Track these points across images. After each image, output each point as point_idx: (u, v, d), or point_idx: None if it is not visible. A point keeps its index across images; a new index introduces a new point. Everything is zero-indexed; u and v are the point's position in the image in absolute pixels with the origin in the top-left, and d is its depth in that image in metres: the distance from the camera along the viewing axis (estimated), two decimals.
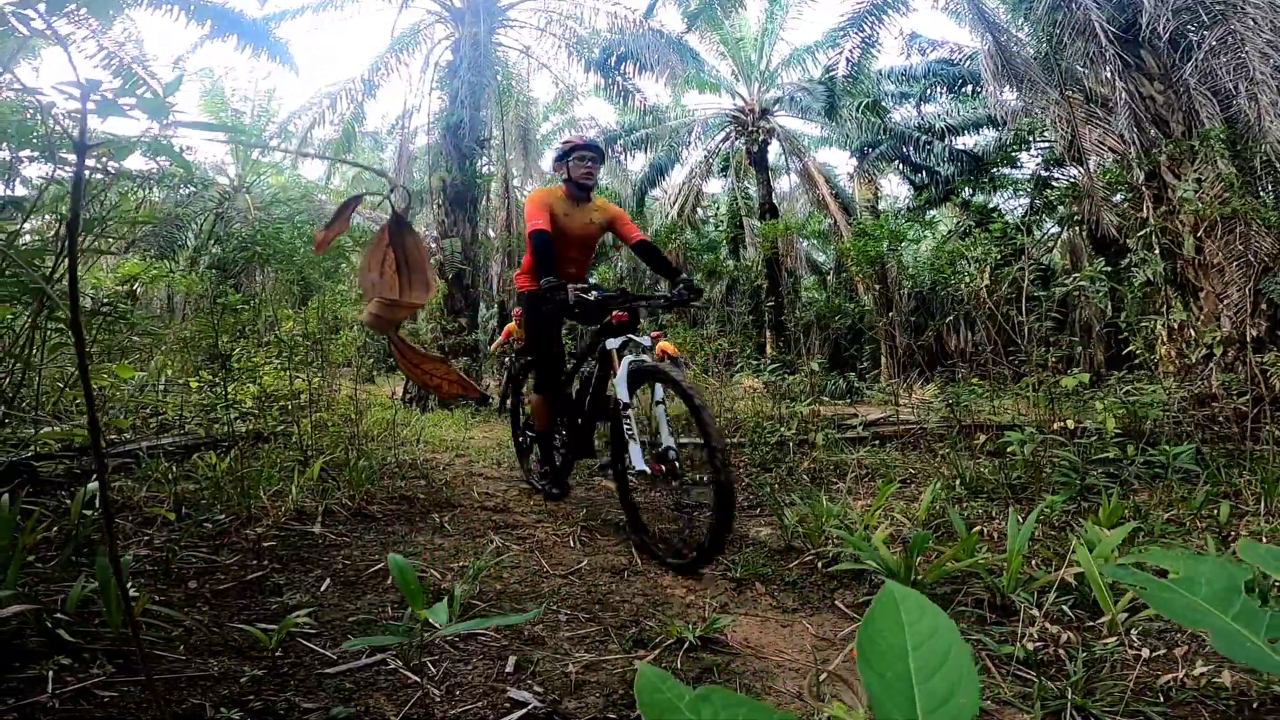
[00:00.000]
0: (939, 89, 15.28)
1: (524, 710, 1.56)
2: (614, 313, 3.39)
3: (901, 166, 18.02)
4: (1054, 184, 18.44)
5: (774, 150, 19.30)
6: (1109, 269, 6.81)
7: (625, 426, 3.17)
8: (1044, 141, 17.61)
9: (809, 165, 18.87)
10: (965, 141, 17.02)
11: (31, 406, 3.54)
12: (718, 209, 19.46)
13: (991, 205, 19.48)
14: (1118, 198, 11.64)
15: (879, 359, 20.70)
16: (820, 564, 2.90)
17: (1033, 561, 2.97)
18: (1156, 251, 7.64)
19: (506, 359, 10.50)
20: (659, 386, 3.26)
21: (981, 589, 2.58)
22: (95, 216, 2.88)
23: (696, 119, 19.05)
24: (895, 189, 25.11)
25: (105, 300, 3.04)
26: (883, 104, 16.26)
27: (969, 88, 14.98)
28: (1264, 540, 3.21)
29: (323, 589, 2.20)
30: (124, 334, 3.59)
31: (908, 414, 8.77)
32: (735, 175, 19.22)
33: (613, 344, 3.35)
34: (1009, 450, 4.37)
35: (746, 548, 3.20)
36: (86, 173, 2.74)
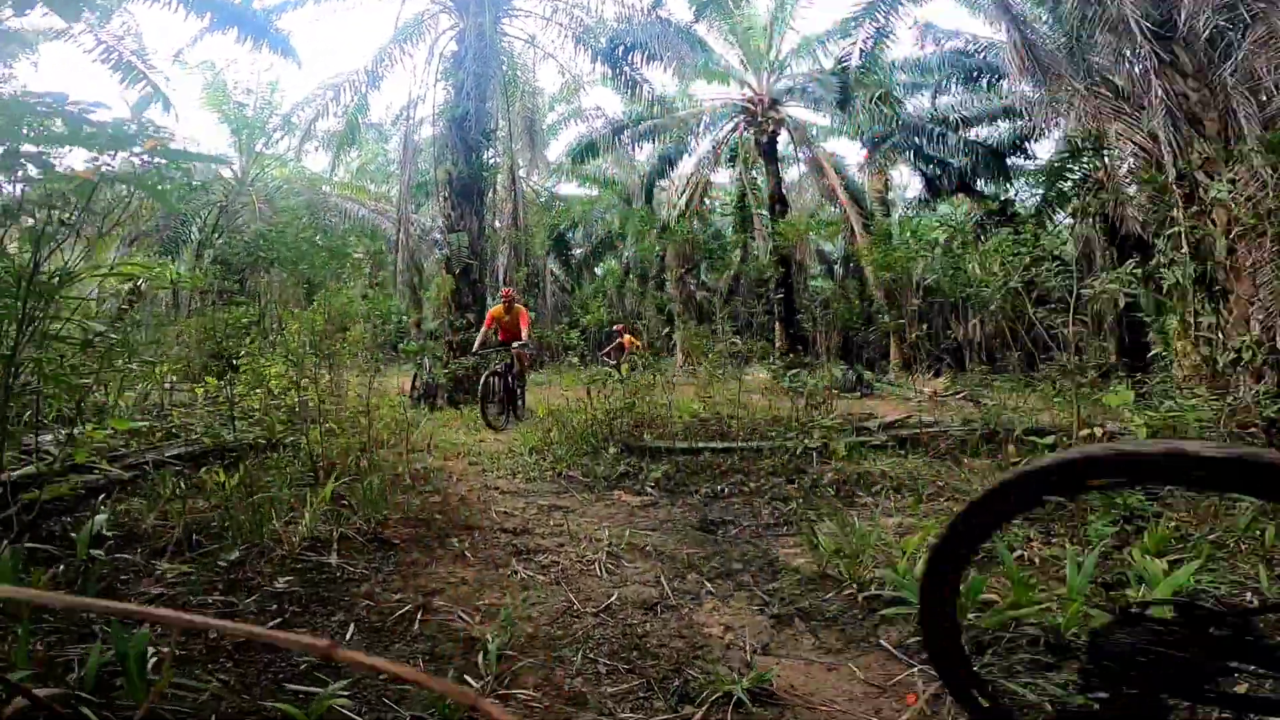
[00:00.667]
0: (954, 80, 15.06)
1: None
2: None
3: (913, 158, 17.79)
4: (1068, 175, 18.23)
5: (782, 140, 19.05)
6: (1139, 270, 6.66)
7: None
8: (1056, 135, 17.41)
9: (819, 156, 18.64)
10: (979, 133, 16.80)
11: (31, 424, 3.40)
12: (730, 200, 19.29)
13: (1005, 197, 19.28)
14: (1133, 190, 11.44)
15: (888, 349, 20.54)
16: (861, 596, 2.77)
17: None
18: (1185, 250, 7.48)
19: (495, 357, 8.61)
20: None
21: (1034, 627, 2.45)
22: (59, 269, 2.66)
23: (705, 109, 18.82)
24: (905, 179, 24.92)
25: (99, 330, 2.88)
26: (895, 95, 16.03)
27: (985, 79, 14.76)
28: None
29: (348, 637, 2.07)
30: (121, 359, 3.45)
31: (926, 413, 8.65)
32: (744, 166, 18.99)
33: None
34: None
35: (780, 576, 3.07)
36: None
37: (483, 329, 8.96)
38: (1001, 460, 5.45)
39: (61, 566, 2.31)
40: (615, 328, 13.32)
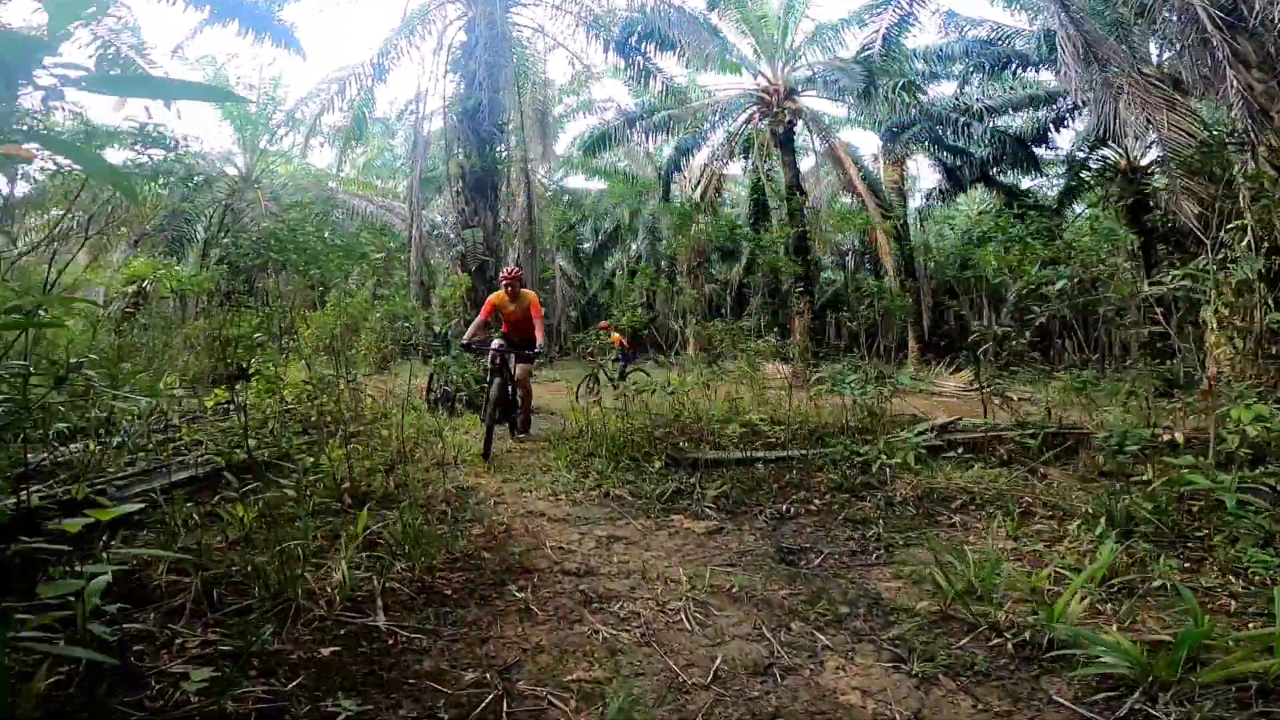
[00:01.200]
0: (979, 69, 14.64)
1: None
2: None
3: (933, 148, 17.33)
4: (1090, 165, 17.77)
5: (796, 130, 18.55)
6: (1211, 268, 6.23)
7: None
8: (1078, 125, 16.91)
9: (836, 147, 18.15)
10: (1002, 123, 16.34)
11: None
12: (745, 191, 18.83)
13: (1025, 187, 18.83)
14: (1161, 181, 10.93)
15: (902, 341, 20.09)
16: (1010, 644, 2.35)
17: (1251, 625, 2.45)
18: (1246, 243, 7.04)
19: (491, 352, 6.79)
20: None
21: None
22: None
23: (720, 100, 18.32)
24: (918, 170, 24.44)
25: (77, 360, 2.46)
26: (916, 84, 15.59)
27: (1012, 68, 14.30)
28: None
29: None
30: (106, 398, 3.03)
31: (970, 407, 8.20)
32: (759, 156, 18.50)
33: None
34: (1176, 482, 3.75)
35: (896, 619, 2.64)
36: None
37: (477, 319, 7.00)
38: (1082, 470, 5.02)
39: (61, 641, 1.88)
40: (601, 325, 12.29)
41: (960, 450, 5.50)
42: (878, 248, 18.23)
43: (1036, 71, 15.09)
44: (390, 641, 2.16)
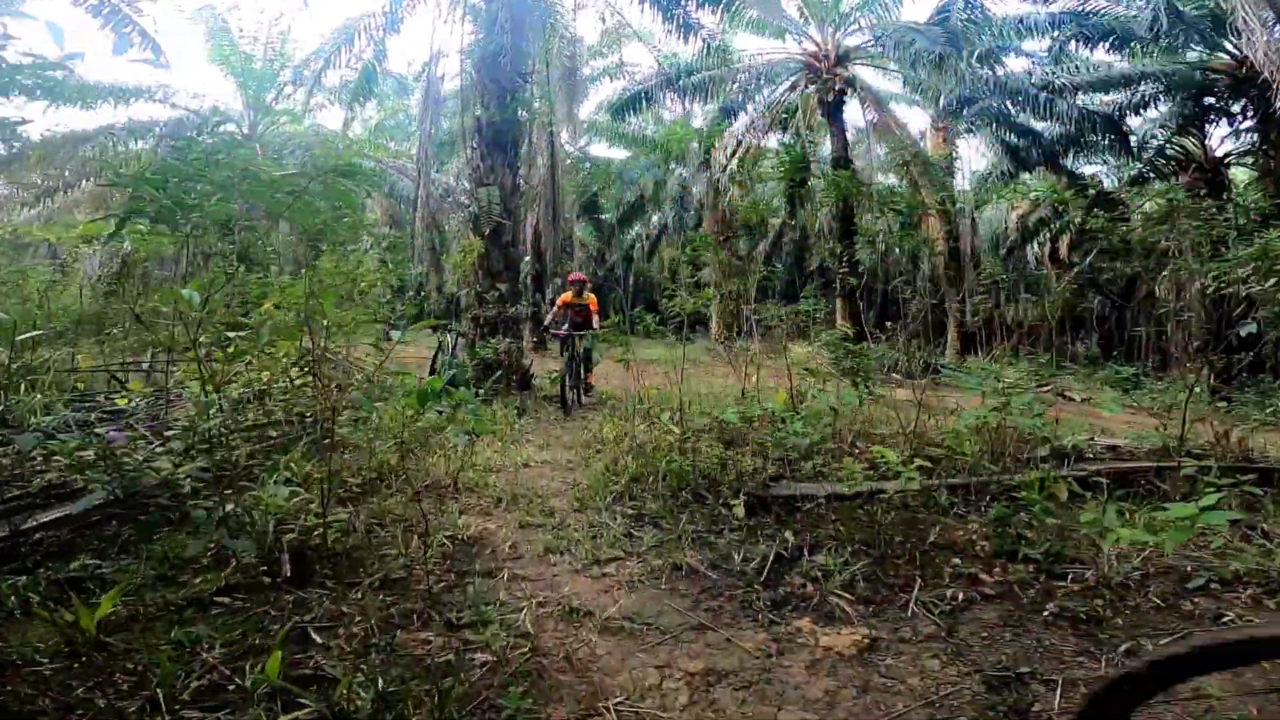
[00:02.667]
0: (1075, 41, 13.22)
1: None
2: None
3: (997, 126, 15.70)
4: (1165, 154, 16.16)
5: (846, 100, 16.95)
6: None
7: None
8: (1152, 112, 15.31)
9: (890, 120, 16.51)
10: (1080, 102, 14.81)
11: None
12: (782, 164, 17.27)
13: (1085, 173, 17.32)
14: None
15: (941, 327, 18.54)
16: None
17: None
18: None
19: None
20: None
21: None
22: None
23: (762, 64, 16.70)
24: (968, 149, 22.68)
25: None
26: (994, 54, 14.13)
27: (1108, 43, 12.83)
28: None
29: None
30: None
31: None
32: (804, 125, 16.89)
33: None
34: None
35: None
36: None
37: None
38: None
39: None
40: (574, 277, 9.36)
41: (1112, 483, 3.96)
42: (926, 228, 16.70)
43: (1131, 51, 13.64)
44: None
